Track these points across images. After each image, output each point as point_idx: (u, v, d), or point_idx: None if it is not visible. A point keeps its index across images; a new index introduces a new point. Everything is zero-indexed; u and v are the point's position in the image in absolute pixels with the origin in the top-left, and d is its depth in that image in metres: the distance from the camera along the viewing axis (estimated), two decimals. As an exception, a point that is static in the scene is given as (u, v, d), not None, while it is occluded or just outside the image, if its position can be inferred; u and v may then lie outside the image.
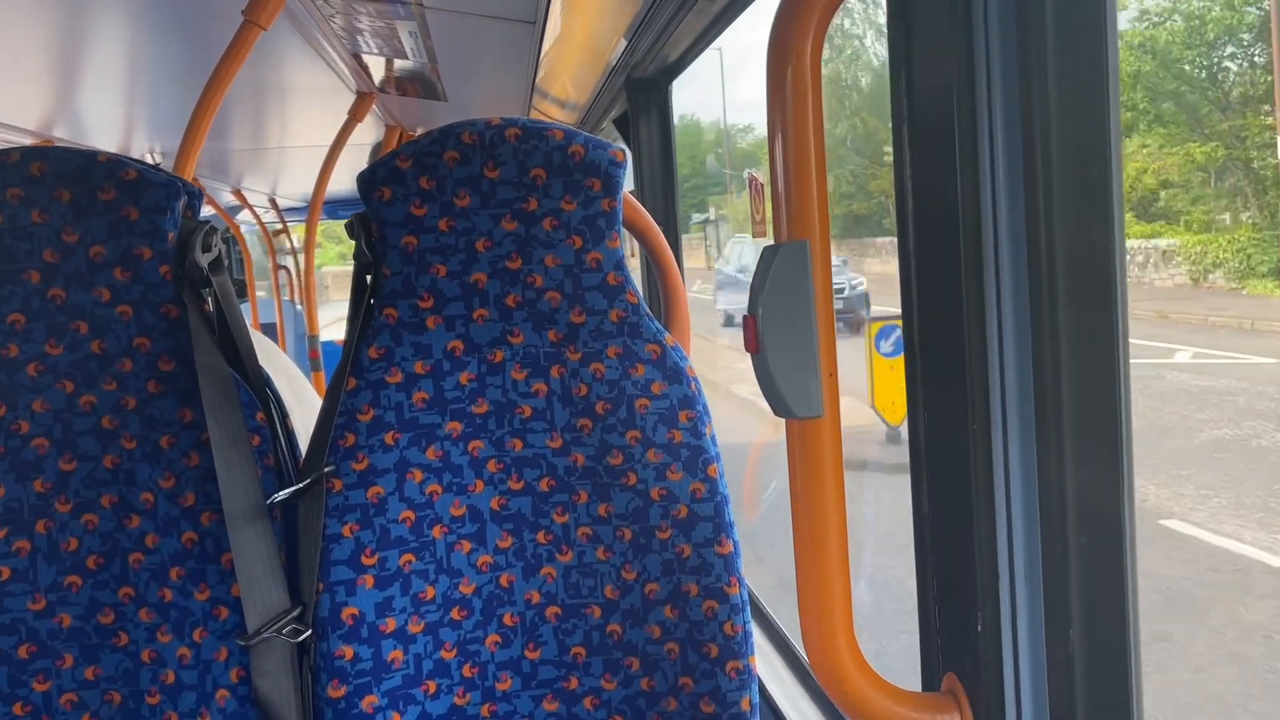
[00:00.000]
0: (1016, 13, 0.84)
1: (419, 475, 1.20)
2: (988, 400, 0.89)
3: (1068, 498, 0.85)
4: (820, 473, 0.97)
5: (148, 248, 1.19)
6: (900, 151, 0.96)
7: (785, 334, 0.94)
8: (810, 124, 0.92)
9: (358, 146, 3.85)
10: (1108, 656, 0.86)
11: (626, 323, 1.21)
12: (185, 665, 1.18)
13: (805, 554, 1.00)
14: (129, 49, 2.50)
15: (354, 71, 2.85)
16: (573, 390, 1.21)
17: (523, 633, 1.23)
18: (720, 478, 1.22)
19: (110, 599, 1.20)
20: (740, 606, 1.23)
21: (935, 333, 0.96)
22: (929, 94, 0.92)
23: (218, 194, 5.93)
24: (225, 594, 1.18)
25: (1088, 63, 0.81)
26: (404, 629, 1.19)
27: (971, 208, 0.88)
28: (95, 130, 3.58)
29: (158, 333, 1.20)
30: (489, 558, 1.22)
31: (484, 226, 1.19)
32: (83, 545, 1.20)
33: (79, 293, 1.19)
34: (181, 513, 1.20)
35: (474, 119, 1.19)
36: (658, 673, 1.23)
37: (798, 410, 0.95)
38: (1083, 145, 0.82)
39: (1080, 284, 0.83)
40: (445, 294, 1.19)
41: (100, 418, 1.20)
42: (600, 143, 1.20)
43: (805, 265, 0.93)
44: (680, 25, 1.88)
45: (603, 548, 1.23)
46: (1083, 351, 0.83)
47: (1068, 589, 0.86)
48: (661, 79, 2.37)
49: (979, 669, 0.94)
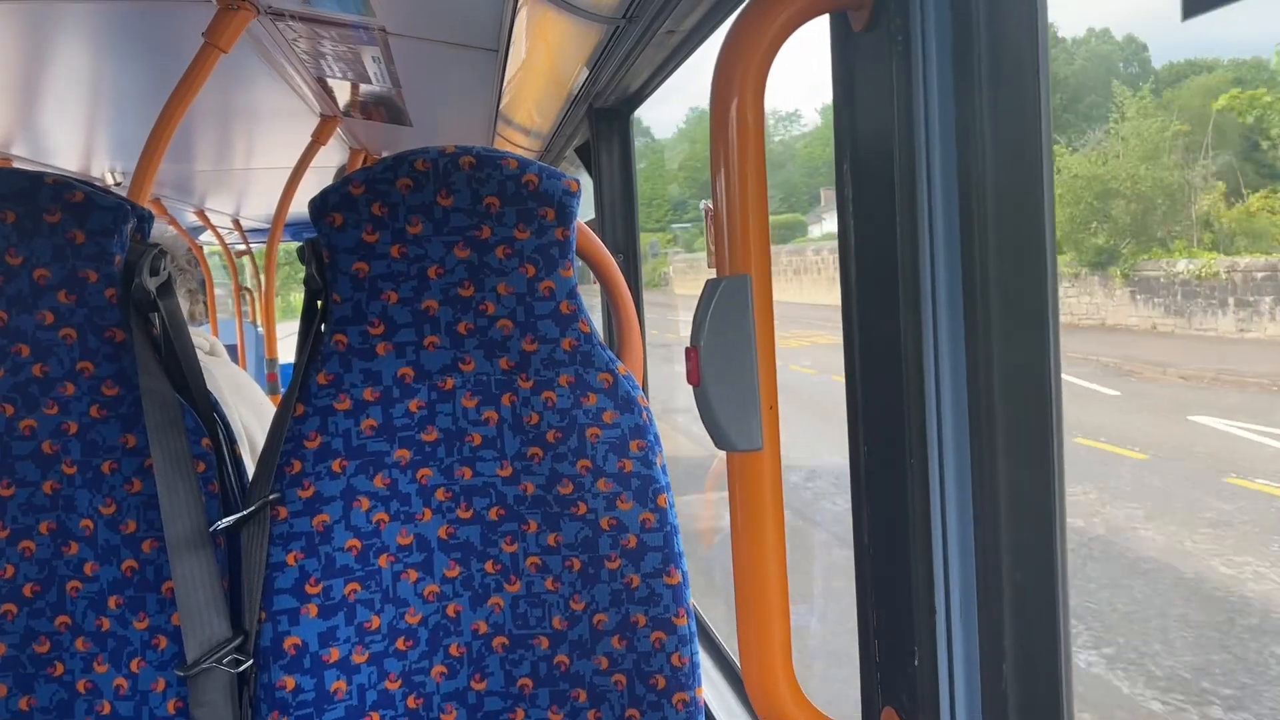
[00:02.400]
0: (954, 57, 0.86)
1: (366, 503, 1.19)
2: (924, 437, 0.90)
3: (1002, 535, 0.86)
4: (760, 505, 0.97)
5: (94, 271, 1.18)
6: (842, 189, 0.97)
7: (726, 367, 0.94)
8: (752, 160, 0.93)
9: (322, 169, 3.84)
10: (1041, 691, 0.86)
11: (579, 351, 1.21)
12: (121, 696, 1.17)
13: (745, 586, 1.00)
14: (90, 70, 2.49)
15: (318, 95, 2.85)
16: (524, 418, 1.21)
17: (469, 664, 1.22)
18: (670, 508, 1.22)
19: (46, 628, 1.18)
20: (688, 638, 1.23)
21: (874, 370, 0.97)
22: (870, 135, 0.94)
23: (181, 214, 5.88)
24: (165, 623, 1.17)
25: (1020, 103, 0.83)
26: (348, 659, 1.18)
27: (910, 243, 0.89)
28: (55, 150, 3.55)
29: (101, 357, 1.19)
30: (436, 587, 1.22)
31: (436, 254, 1.19)
32: (19, 572, 1.18)
33: (21, 315, 1.18)
34: (122, 540, 1.18)
35: (428, 147, 1.19)
36: (604, 704, 1.23)
37: (738, 443, 0.95)
38: (1015, 182, 0.84)
39: (1013, 323, 0.84)
40: (396, 320, 1.19)
41: (40, 442, 1.19)
42: (554, 172, 1.20)
43: (746, 299, 0.94)
44: (640, 57, 1.90)
45: (551, 578, 1.22)
46: (1017, 397, 0.85)
47: (1002, 625, 0.87)
48: (623, 108, 2.39)
49: (916, 703, 0.94)
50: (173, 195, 5.05)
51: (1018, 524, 0.85)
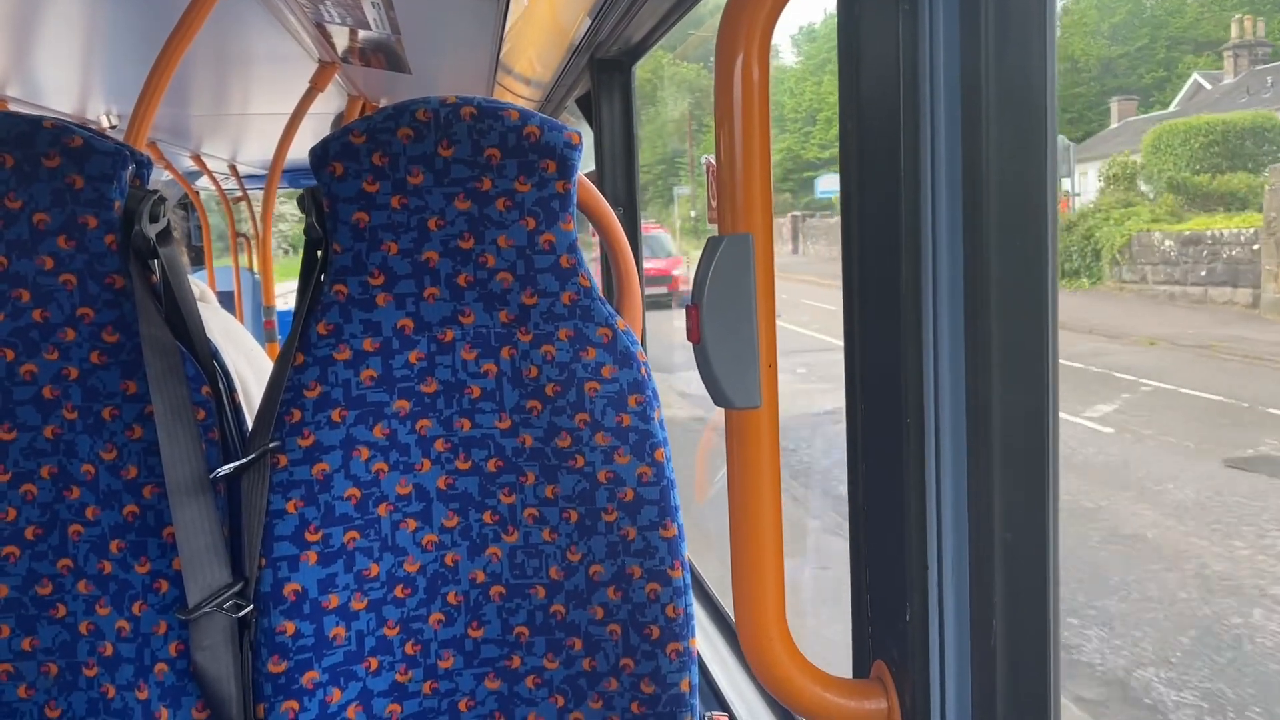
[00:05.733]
0: (960, 14, 0.86)
1: (365, 453, 1.20)
2: (921, 398, 0.91)
3: (994, 496, 0.87)
4: (757, 462, 0.98)
5: (93, 216, 1.18)
6: (846, 147, 0.97)
7: (726, 326, 0.95)
8: (756, 117, 0.93)
9: (320, 115, 3.81)
10: (1029, 648, 0.88)
11: (578, 305, 1.22)
12: (124, 638, 1.18)
13: (740, 542, 1.01)
14: (86, 12, 2.46)
15: (316, 41, 2.82)
16: (523, 371, 1.22)
17: (466, 611, 1.24)
18: (667, 462, 1.24)
19: (48, 570, 1.20)
20: (682, 590, 1.24)
21: (873, 328, 0.98)
22: (875, 93, 0.93)
23: (176, 159, 5.84)
24: (166, 568, 1.18)
25: (1025, 62, 0.82)
26: (346, 605, 1.19)
27: (912, 202, 0.89)
28: (50, 91, 3.52)
29: (102, 303, 1.19)
30: (434, 536, 1.23)
31: (436, 205, 1.18)
32: (21, 515, 1.19)
33: (21, 260, 1.18)
34: (123, 485, 1.19)
35: (429, 96, 1.19)
36: (599, 653, 1.25)
37: (736, 400, 0.96)
38: (1019, 141, 0.84)
39: (1014, 300, 0.85)
40: (396, 271, 1.19)
41: (41, 387, 1.19)
42: (556, 125, 1.20)
43: (748, 258, 0.94)
44: (643, 8, 1.88)
45: (548, 529, 1.24)
46: (1013, 361, 0.85)
47: (992, 583, 0.88)
48: (625, 60, 2.37)
49: (906, 657, 0.96)
50: (168, 139, 5.01)
51: (1009, 484, 0.86)
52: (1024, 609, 0.88)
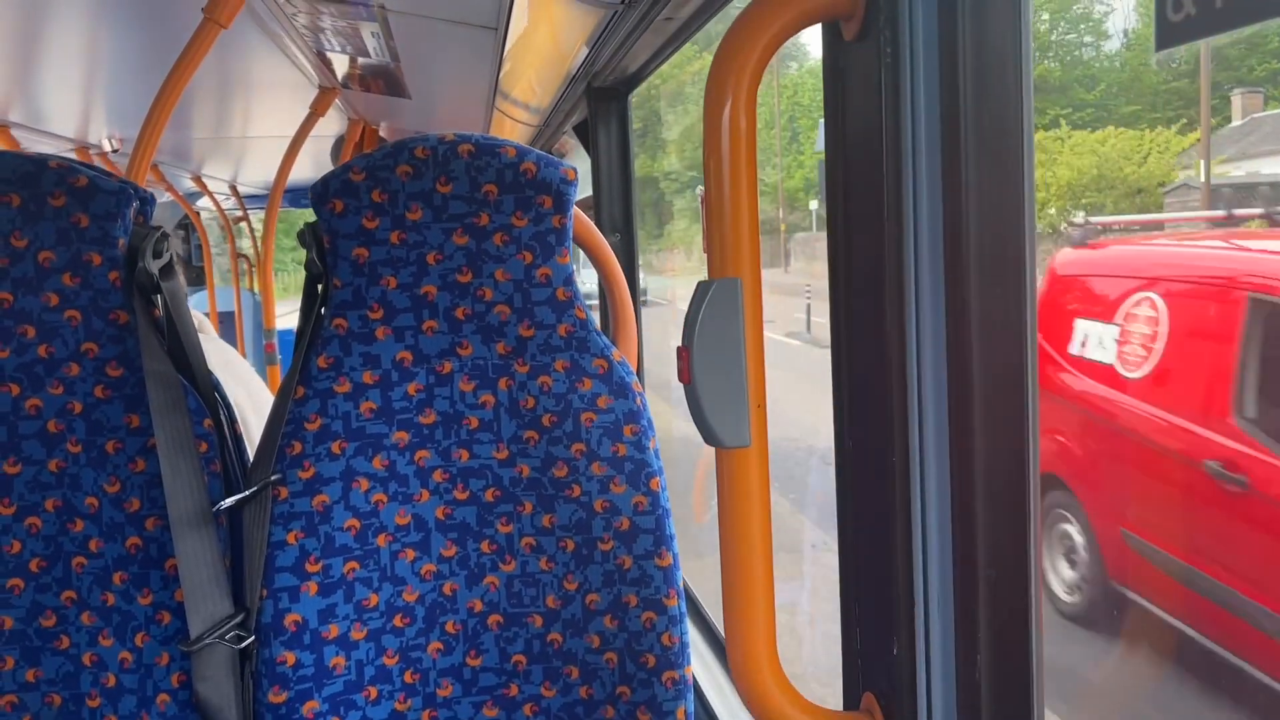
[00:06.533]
0: (941, 67, 0.88)
1: (365, 484, 1.22)
2: (907, 442, 0.93)
3: (977, 534, 0.89)
4: (747, 500, 1.00)
5: (97, 254, 1.20)
6: (833, 190, 0.99)
7: (716, 367, 0.97)
8: (744, 165, 0.95)
9: (320, 138, 3.84)
10: (1012, 679, 0.90)
11: (574, 337, 1.24)
12: (126, 669, 1.20)
13: (732, 576, 1.03)
14: (88, 40, 2.48)
15: (317, 67, 2.85)
16: (520, 402, 1.24)
17: (464, 640, 1.26)
18: (662, 491, 1.25)
19: (52, 602, 1.21)
20: (678, 618, 1.26)
21: (861, 372, 1.00)
22: (860, 140, 0.96)
23: (178, 180, 5.87)
24: (168, 599, 1.20)
25: (1003, 112, 0.85)
26: (346, 635, 1.21)
27: (895, 243, 0.92)
28: (53, 118, 3.55)
29: (106, 338, 1.21)
30: (433, 566, 1.25)
31: (435, 240, 1.21)
32: (25, 548, 1.21)
33: (27, 297, 1.20)
34: (126, 518, 1.21)
35: (428, 134, 1.21)
36: (596, 681, 1.26)
37: (726, 440, 0.98)
38: (997, 188, 0.86)
39: (995, 346, 0.87)
40: (395, 305, 1.22)
41: (46, 421, 1.21)
42: (552, 160, 1.22)
43: (736, 302, 0.96)
44: (639, 40, 1.91)
45: (545, 558, 1.25)
46: (995, 408, 0.87)
47: (976, 617, 0.90)
48: (621, 89, 2.40)
49: (895, 690, 0.98)
50: (170, 161, 5.04)
51: (991, 524, 0.89)
52: (1007, 642, 0.90)
